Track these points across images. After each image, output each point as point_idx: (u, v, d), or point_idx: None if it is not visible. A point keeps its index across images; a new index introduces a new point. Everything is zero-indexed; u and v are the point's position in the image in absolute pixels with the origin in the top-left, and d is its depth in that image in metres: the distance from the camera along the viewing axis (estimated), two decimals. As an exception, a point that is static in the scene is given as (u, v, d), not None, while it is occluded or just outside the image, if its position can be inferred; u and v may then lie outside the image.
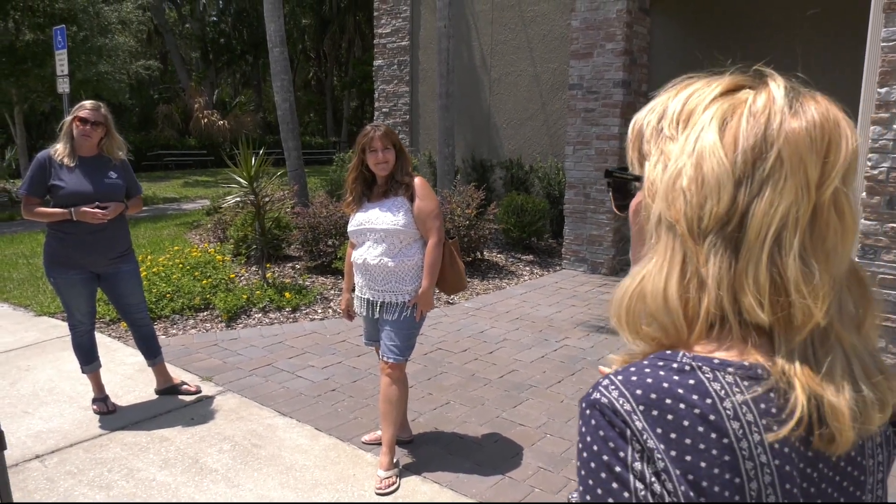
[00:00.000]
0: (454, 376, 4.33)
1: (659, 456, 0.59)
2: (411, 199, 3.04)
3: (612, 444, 0.60)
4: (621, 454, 0.60)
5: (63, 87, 10.43)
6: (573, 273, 7.44)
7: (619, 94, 7.02)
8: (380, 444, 3.22)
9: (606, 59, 7.05)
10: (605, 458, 0.61)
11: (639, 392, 0.61)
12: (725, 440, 0.58)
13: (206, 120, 25.37)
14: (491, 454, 3.32)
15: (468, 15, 9.68)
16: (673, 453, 0.59)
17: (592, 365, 4.54)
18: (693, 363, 0.62)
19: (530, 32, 9.12)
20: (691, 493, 0.58)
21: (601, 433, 0.61)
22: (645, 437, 0.59)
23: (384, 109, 10.88)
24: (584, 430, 0.63)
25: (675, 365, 0.62)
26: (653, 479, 0.58)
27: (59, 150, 3.58)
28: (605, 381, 0.64)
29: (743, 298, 0.62)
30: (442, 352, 4.81)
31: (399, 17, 10.44)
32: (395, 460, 3.11)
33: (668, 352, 0.64)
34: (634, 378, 0.62)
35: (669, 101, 0.68)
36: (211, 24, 31.64)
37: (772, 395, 0.61)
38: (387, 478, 3.02)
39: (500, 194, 9.21)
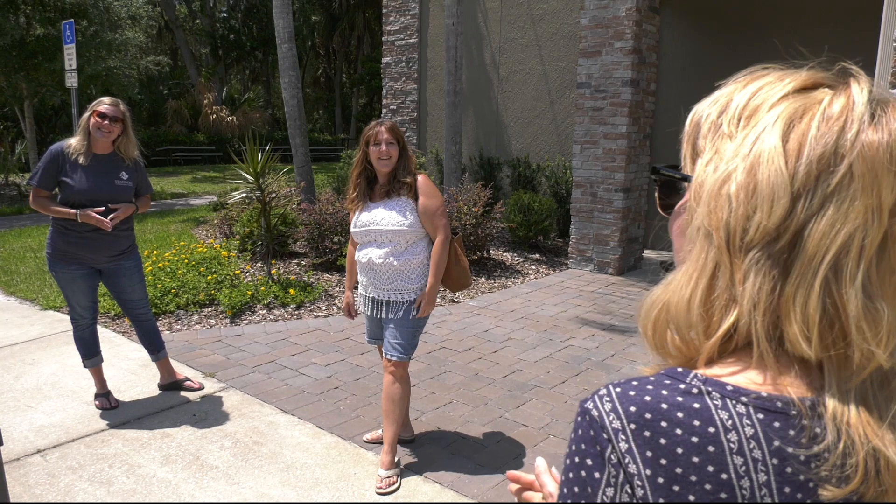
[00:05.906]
0: (457, 375, 4.31)
1: (639, 483, 0.55)
2: (415, 197, 3.02)
3: (589, 462, 0.58)
4: (595, 475, 0.57)
5: (71, 81, 10.44)
6: (579, 272, 7.40)
7: (628, 93, 6.97)
8: (381, 442, 3.21)
9: (615, 57, 7.00)
10: (582, 473, 0.58)
11: (632, 409, 0.56)
12: (724, 476, 0.53)
13: (214, 116, 25.44)
14: (493, 454, 3.30)
15: (477, 12, 9.64)
16: (660, 480, 0.54)
17: (597, 366, 4.51)
18: (702, 386, 0.56)
19: (539, 30, 9.07)
20: None
21: (583, 446, 0.58)
22: (627, 460, 0.55)
23: (392, 107, 10.85)
24: (572, 435, 0.61)
25: (682, 385, 0.57)
26: None
27: (73, 145, 3.53)
28: (603, 391, 0.59)
29: (787, 327, 0.55)
30: (445, 350, 4.79)
31: (408, 14, 10.41)
32: (396, 459, 3.09)
33: (680, 370, 0.59)
34: (633, 393, 0.58)
35: (735, 93, 0.62)
36: (221, 20, 31.73)
37: (792, 432, 0.54)
38: (388, 477, 3.00)
39: (507, 193, 9.18)
